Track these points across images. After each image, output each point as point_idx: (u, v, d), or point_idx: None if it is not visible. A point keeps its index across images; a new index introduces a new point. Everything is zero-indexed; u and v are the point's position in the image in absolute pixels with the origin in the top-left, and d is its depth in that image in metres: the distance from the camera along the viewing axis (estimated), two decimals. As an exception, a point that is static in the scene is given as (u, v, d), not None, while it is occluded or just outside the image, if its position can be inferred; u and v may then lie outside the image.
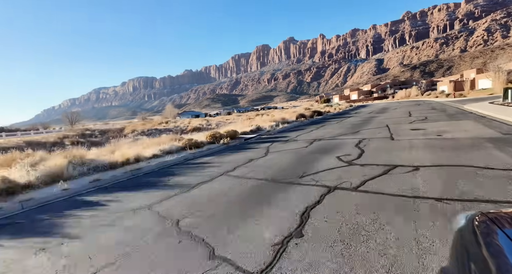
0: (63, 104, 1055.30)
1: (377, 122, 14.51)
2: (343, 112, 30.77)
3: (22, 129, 62.97)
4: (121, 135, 31.47)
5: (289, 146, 9.40)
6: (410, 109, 23.47)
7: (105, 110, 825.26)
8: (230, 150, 10.01)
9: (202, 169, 6.91)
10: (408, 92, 74.13)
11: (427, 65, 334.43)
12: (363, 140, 8.84)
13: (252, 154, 8.49)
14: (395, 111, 23.16)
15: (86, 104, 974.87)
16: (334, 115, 26.28)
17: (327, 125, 16.21)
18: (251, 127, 16.01)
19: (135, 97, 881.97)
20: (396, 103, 45.82)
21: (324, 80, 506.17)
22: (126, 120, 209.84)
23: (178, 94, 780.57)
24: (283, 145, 9.67)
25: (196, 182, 5.62)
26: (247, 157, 7.77)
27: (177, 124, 36.93)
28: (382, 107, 33.62)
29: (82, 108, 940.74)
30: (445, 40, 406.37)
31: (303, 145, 9.24)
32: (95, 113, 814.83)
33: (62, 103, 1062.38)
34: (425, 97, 54.48)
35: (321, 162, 6.16)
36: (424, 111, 18.89)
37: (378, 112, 23.64)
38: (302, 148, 8.51)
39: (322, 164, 5.98)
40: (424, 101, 37.43)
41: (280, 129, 16.77)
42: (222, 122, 35.36)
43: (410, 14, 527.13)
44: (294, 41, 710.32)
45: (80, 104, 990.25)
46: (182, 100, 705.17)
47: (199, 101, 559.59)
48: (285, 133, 13.97)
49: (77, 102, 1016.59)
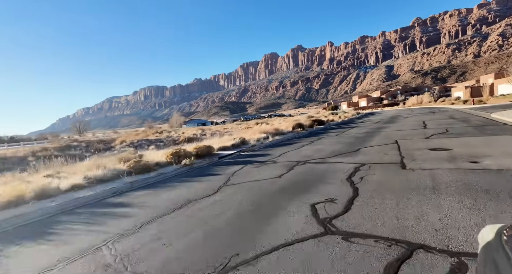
0: (77, 113, 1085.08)
1: (384, 136, 11.78)
2: (348, 121, 27.93)
3: (14, 140, 62.44)
4: (109, 147, 29.54)
5: (260, 173, 6.85)
6: (424, 118, 20.52)
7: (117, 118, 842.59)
8: (186, 176, 7.54)
9: (88, 224, 4.44)
10: (420, 98, 70.37)
11: (439, 71, 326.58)
12: (361, 167, 6.20)
13: (202, 187, 5.99)
14: (407, 120, 20.26)
15: (99, 113, 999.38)
16: (337, 125, 23.52)
17: (324, 138, 13.55)
18: (233, 140, 13.54)
19: (146, 106, 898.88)
20: (407, 110, 42.53)
21: (333, 87, 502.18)
22: (136, 128, 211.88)
23: (188, 102, 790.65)
24: (254, 171, 7.13)
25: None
26: (185, 198, 5.25)
27: (170, 134, 34.88)
28: (392, 115, 30.60)
29: (95, 116, 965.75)
30: (458, 45, 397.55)
31: (278, 172, 6.67)
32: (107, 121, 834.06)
33: (77, 112, 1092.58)
34: (439, 104, 50.87)
35: (280, 220, 3.59)
36: (442, 121, 15.97)
37: (387, 122, 20.78)
38: (274, 179, 5.95)
39: (279, 227, 3.40)
40: (439, 109, 34.11)
41: (269, 142, 14.22)
42: (218, 132, 33.07)
43: (420, 20, 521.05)
44: (302, 49, 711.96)
45: (94, 113, 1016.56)
46: (192, 108, 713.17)
47: (208, 109, 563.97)
48: (269, 150, 11.41)
49: (91, 111, 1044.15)
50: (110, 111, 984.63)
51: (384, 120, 23.13)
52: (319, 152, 9.21)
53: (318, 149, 10.11)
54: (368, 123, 22.10)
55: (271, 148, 12.09)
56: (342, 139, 12.31)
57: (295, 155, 9.24)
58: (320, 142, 12.15)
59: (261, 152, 11.09)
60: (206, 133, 33.34)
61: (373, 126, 18.00)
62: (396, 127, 15.33)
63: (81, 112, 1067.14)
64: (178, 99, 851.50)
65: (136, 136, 34.48)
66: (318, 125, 24.63)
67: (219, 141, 14.17)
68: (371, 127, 17.70)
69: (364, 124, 21.40)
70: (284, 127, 20.86)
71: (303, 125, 20.62)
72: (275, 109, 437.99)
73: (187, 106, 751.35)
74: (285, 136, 16.87)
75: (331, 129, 19.29)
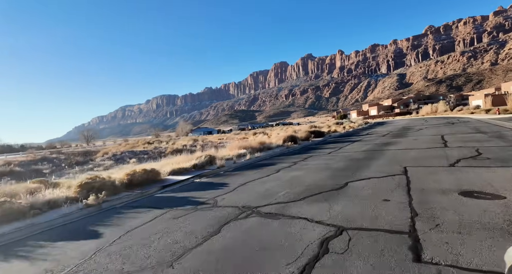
0: (92, 121, 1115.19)
1: (389, 159, 8.65)
2: (352, 133, 24.64)
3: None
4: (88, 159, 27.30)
5: (153, 244, 3.94)
6: (442, 130, 17.13)
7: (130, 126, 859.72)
8: (76, 229, 4.71)
9: None
10: (435, 107, 65.84)
11: (454, 79, 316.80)
12: (334, 241, 3.19)
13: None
14: (421, 133, 16.91)
15: (112, 121, 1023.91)
16: (337, 138, 20.32)
17: (312, 158, 10.51)
18: (197, 160, 10.67)
19: (158, 114, 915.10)
20: (421, 120, 38.65)
21: (343, 95, 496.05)
22: (147, 136, 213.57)
23: (198, 111, 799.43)
24: (149, 235, 4.22)
25: None
26: None
27: (161, 145, 32.40)
28: (403, 126, 27.13)
29: (109, 125, 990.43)
30: (473, 53, 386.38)
31: (187, 242, 3.74)
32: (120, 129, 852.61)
33: (91, 120, 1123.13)
34: (456, 113, 46.60)
35: None
36: (467, 136, 12.64)
37: (396, 135, 17.46)
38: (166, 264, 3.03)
39: None
40: (459, 119, 30.22)
41: (243, 162, 11.28)
42: (210, 143, 30.35)
43: (433, 28, 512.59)
44: (312, 57, 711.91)
45: (107, 121, 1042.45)
46: (202, 116, 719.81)
47: (218, 117, 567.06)
48: (234, 175, 8.50)
49: (105, 119, 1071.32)
50: (123, 119, 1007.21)
51: (393, 133, 19.81)
52: (290, 186, 6.22)
53: (293, 178, 7.12)
54: (374, 136, 18.82)
55: (239, 171, 9.18)
56: (332, 162, 9.24)
57: (255, 189, 6.29)
58: (304, 165, 9.14)
59: (220, 179, 8.19)
60: (198, 144, 30.71)
61: (378, 141, 14.78)
62: (407, 144, 12.09)
63: (96, 120, 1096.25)
64: (189, 108, 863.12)
65: (123, 147, 32.18)
66: (316, 137, 21.55)
67: (183, 159, 11.34)
68: (376, 142, 14.48)
69: (369, 137, 18.14)
70: (274, 140, 17.88)
71: (297, 138, 17.59)
72: (285, 117, 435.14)
73: (197, 115, 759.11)
74: (268, 153, 13.91)
75: (328, 144, 16.17)
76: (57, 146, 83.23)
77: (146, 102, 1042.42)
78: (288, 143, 16.49)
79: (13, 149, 59.48)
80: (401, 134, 17.62)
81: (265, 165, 9.93)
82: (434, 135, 14.83)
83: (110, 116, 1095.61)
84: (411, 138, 14.70)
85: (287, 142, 16.91)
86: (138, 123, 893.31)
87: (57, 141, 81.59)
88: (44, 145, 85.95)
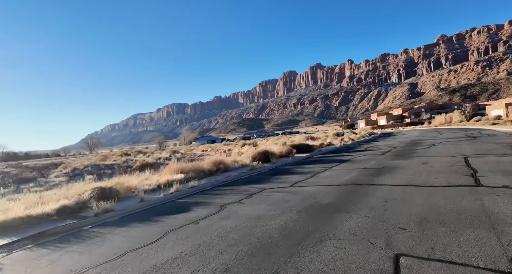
0: (104, 129, 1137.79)
1: (373, 217, 4.55)
2: (347, 147, 20.34)
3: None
4: (41, 175, 23.90)
5: None
6: (463, 148, 12.80)
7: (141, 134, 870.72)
8: None
9: None
10: (449, 117, 60.32)
11: (468, 88, 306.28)
12: None
13: None
14: (434, 152, 12.62)
15: (124, 129, 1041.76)
16: (325, 155, 16.10)
17: (245, 205, 6.52)
18: (72, 199, 6.87)
19: (168, 122, 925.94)
20: (433, 132, 33.80)
21: (353, 104, 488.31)
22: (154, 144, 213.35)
23: (208, 119, 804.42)
24: None
25: None
26: None
27: (136, 157, 28.91)
28: (412, 140, 22.73)
29: (120, 132, 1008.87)
30: (488, 62, 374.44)
31: None
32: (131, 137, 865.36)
33: (104, 128, 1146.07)
34: (474, 124, 41.39)
35: None
36: (505, 161, 8.36)
37: (399, 154, 13.18)
38: None
39: None
40: (480, 131, 25.35)
41: (152, 200, 7.39)
42: (193, 154, 26.55)
43: (445, 37, 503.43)
44: (321, 66, 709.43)
45: (119, 129, 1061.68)
46: (211, 124, 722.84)
47: (226, 126, 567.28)
48: (129, 224, 4.64)
49: (117, 127, 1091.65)
50: (135, 127, 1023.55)
51: (398, 149, 15.52)
52: None
53: (187, 255, 3.19)
54: (371, 153, 14.59)
55: (113, 228, 5.31)
56: (273, 213, 5.18)
57: None
58: (233, 213, 5.20)
59: (107, 230, 4.34)
60: (175, 156, 26.99)
61: (372, 163, 10.61)
62: (411, 174, 7.89)
63: (108, 128, 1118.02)
64: (198, 116, 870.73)
65: (95, 158, 28.88)
66: (303, 151, 17.50)
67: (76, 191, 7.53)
68: (368, 165, 10.31)
69: (364, 155, 13.92)
70: (244, 157, 13.94)
71: (270, 155, 13.60)
72: (293, 126, 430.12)
73: (206, 123, 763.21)
74: (218, 179, 9.99)
75: (306, 165, 12.09)
76: (61, 154, 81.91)
77: (157, 111, 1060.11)
78: (255, 163, 12.51)
79: (18, 157, 58.61)
80: (406, 153, 13.34)
81: (167, 214, 6.03)
82: (453, 156, 10.56)
83: (122, 124, 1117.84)
84: (419, 160, 10.47)
85: (256, 161, 12.93)
86: (149, 131, 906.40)
87: (72, 148, 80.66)
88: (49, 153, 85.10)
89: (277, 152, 14.89)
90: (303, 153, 17.39)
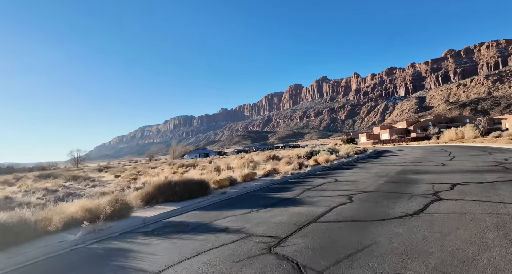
0: (112, 141, 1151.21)
1: None
2: (320, 172, 15.46)
3: None
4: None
5: None
6: (500, 192, 7.86)
7: (147, 146, 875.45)
8: None
9: None
10: (461, 132, 54.35)
11: (479, 102, 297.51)
12: None
13: None
14: (446, 196, 7.77)
15: (131, 141, 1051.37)
16: (284, 185, 11.38)
17: None
18: None
19: (174, 135, 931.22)
20: (441, 151, 28.43)
21: (360, 117, 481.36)
22: (162, 156, 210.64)
23: (213, 131, 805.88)
24: None
25: None
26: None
27: (79, 184, 24.61)
28: (413, 161, 17.74)
29: (128, 144, 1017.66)
30: (499, 77, 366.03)
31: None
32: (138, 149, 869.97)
33: (112, 140, 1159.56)
34: (494, 141, 35.71)
35: None
36: None
37: (387, 194, 8.35)
38: None
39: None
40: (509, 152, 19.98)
41: None
42: (147, 174, 21.88)
43: (453, 51, 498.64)
44: (327, 80, 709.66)
45: (127, 141, 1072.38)
46: (216, 136, 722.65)
47: (231, 138, 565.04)
48: None
49: (124, 139, 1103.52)
50: (142, 139, 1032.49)
51: (386, 179, 10.67)
52: None
53: None
54: (325, 198, 9.78)
55: None
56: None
57: None
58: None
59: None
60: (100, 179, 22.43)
61: (327, 234, 5.86)
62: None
63: (116, 140, 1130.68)
64: (205, 128, 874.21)
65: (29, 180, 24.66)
66: (190, 196, 12.82)
67: None
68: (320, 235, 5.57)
69: (332, 196, 9.12)
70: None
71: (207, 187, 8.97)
72: (298, 138, 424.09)
73: (212, 135, 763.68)
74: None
75: (236, 205, 7.43)
76: (47, 168, 78.51)
77: (164, 123, 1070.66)
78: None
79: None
80: (399, 188, 8.50)
81: None
82: (488, 229, 5.65)
83: (129, 136, 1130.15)
84: (424, 221, 5.69)
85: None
86: (155, 143, 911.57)
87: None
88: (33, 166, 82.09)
89: (243, 174, 10.17)
90: (255, 181, 12.68)
